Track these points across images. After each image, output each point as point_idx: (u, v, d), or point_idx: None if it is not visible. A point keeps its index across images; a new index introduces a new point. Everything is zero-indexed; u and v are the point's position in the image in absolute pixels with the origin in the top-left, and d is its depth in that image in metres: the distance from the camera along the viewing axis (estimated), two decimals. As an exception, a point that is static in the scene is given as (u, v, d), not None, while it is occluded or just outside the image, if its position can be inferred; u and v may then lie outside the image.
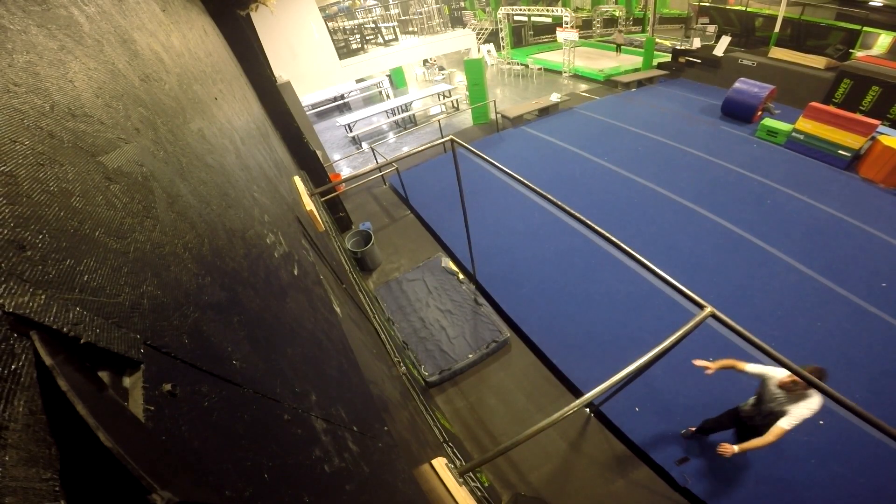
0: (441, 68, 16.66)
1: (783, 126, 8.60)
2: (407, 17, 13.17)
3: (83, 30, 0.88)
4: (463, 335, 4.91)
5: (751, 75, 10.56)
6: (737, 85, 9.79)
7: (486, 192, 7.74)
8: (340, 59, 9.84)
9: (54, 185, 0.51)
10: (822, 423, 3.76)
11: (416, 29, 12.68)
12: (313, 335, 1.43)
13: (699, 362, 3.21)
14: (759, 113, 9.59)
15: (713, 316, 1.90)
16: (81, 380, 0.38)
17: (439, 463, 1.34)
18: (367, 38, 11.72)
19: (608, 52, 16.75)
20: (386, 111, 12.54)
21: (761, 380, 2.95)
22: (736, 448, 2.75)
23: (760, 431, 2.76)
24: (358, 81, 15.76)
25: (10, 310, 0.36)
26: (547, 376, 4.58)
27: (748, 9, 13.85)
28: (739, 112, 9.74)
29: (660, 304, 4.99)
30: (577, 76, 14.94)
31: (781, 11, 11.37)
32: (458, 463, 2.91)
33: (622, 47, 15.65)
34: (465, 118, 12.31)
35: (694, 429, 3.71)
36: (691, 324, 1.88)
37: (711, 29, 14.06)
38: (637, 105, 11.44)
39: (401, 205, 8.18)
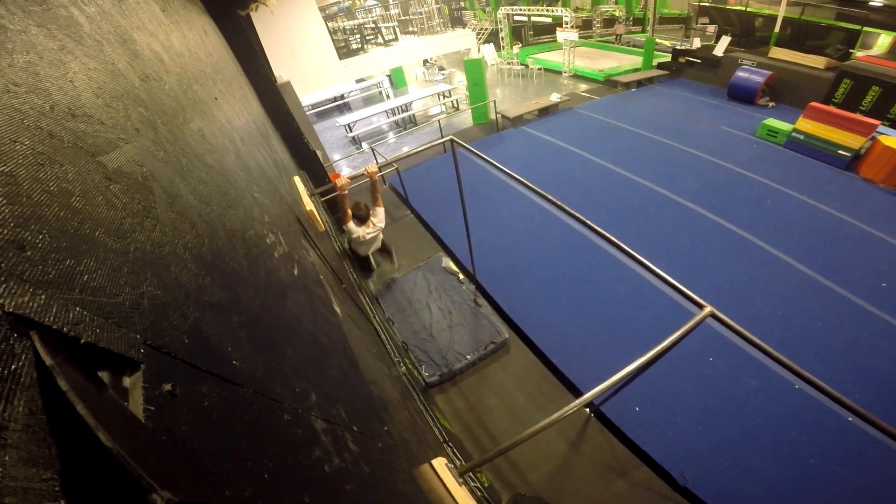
0: (441, 68, 16.65)
1: (783, 126, 8.60)
2: (407, 17, 13.16)
3: (83, 30, 0.88)
4: (463, 335, 4.91)
5: (751, 75, 10.76)
6: (738, 73, 11.06)
7: (486, 192, 7.74)
8: (340, 59, 9.83)
9: (54, 185, 0.51)
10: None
11: (416, 29, 12.67)
12: (313, 335, 1.43)
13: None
14: (760, 94, 10.59)
15: (713, 316, 1.90)
16: (81, 380, 0.38)
17: (439, 463, 1.33)
18: (367, 38, 11.71)
19: (608, 53, 16.72)
20: (386, 111, 12.53)
21: None
22: None
23: None
24: (358, 81, 15.73)
25: (10, 310, 0.36)
26: (547, 376, 4.57)
27: (748, 9, 13.83)
28: (743, 95, 10.97)
29: (660, 303, 4.98)
30: (577, 76, 14.94)
31: (781, 11, 11.36)
32: (458, 463, 2.91)
33: (621, 38, 15.68)
34: (465, 118, 12.29)
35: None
36: (691, 323, 1.87)
37: (711, 29, 14.05)
38: (637, 105, 11.43)
39: (401, 205, 8.17)
